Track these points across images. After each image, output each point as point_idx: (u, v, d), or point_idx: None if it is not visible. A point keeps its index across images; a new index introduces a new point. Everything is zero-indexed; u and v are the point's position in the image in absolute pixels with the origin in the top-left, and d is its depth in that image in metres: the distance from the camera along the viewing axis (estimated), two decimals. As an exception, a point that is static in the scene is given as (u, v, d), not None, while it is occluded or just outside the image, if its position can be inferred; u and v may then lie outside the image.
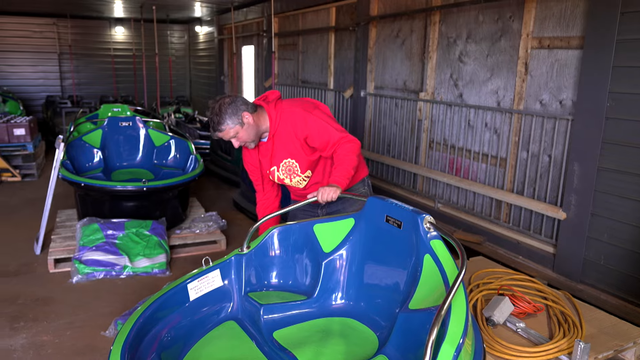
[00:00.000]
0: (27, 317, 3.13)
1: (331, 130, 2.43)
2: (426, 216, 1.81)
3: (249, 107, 2.41)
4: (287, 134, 2.46)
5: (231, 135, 2.39)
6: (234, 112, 2.36)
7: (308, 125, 2.43)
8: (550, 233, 3.64)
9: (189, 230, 4.33)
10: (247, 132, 2.41)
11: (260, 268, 2.20)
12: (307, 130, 2.43)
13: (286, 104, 2.50)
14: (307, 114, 2.45)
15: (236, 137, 2.41)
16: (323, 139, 2.43)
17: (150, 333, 1.81)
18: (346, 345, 1.88)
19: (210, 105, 2.41)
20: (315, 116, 2.45)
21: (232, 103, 2.37)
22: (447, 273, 1.66)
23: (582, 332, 2.18)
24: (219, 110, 2.35)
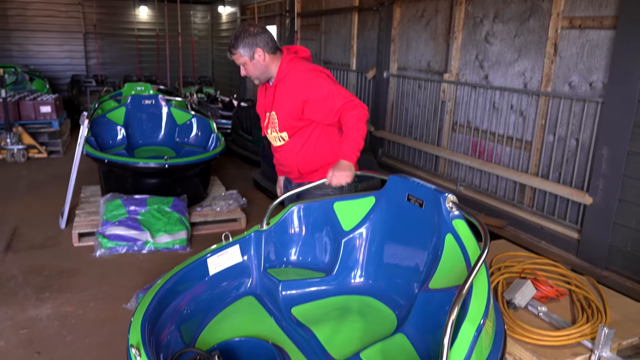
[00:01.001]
0: (52, 288, 3.21)
1: (337, 95, 2.37)
2: (449, 195, 1.77)
3: (268, 47, 2.42)
4: (288, 89, 2.45)
5: (240, 62, 2.46)
6: (249, 44, 2.39)
7: (312, 89, 2.38)
8: (575, 218, 3.56)
9: (209, 208, 4.36)
10: (254, 67, 2.45)
11: (279, 245, 2.20)
12: (309, 94, 2.39)
13: (302, 64, 2.47)
14: (316, 78, 2.40)
15: (244, 67, 2.47)
16: (327, 105, 2.37)
17: (170, 306, 1.82)
18: (364, 323, 1.88)
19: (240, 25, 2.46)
20: (323, 81, 2.40)
21: (253, 35, 2.40)
22: (469, 253, 1.63)
23: (606, 318, 2.14)
24: (238, 35, 2.41)
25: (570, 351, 1.94)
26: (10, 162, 6.38)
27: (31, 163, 6.42)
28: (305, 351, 1.78)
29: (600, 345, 1.89)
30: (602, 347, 1.89)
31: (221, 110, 7.64)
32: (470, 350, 1.32)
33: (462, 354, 1.31)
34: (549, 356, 1.90)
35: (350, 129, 2.33)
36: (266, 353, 1.77)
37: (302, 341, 1.82)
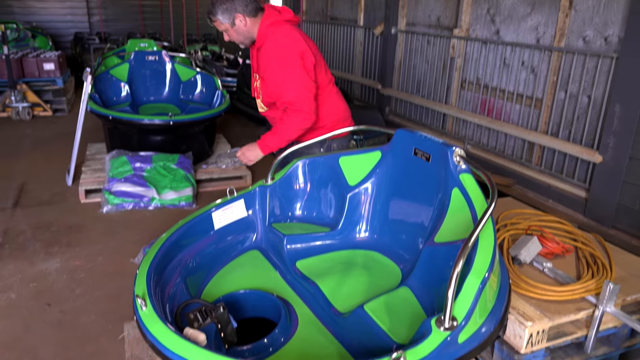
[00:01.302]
0: (61, 243, 3.24)
1: (290, 88, 2.30)
2: (456, 149, 1.74)
3: (248, 10, 2.33)
4: (265, 58, 2.39)
5: (222, 29, 2.42)
6: (228, 9, 2.33)
7: (272, 67, 2.34)
8: (584, 177, 3.52)
9: (215, 165, 4.35)
10: (236, 33, 2.40)
11: (284, 199, 2.19)
12: (269, 71, 2.37)
13: (280, 32, 2.35)
14: (281, 58, 2.32)
15: (226, 33, 2.42)
16: (278, 90, 2.36)
17: (175, 259, 1.83)
18: (369, 276, 1.88)
19: None
20: (286, 64, 2.30)
21: (231, 0, 2.33)
22: (476, 207, 1.61)
23: (611, 274, 2.13)
24: (216, 1, 2.35)
25: (574, 306, 1.94)
26: (16, 120, 6.36)
27: (36, 121, 6.40)
28: (310, 303, 1.79)
29: (604, 301, 1.89)
30: (606, 302, 1.89)
31: (226, 68, 7.52)
32: (474, 303, 1.32)
33: (466, 307, 1.31)
34: (552, 311, 1.90)
35: (283, 128, 2.39)
36: (271, 305, 1.78)
37: (306, 294, 1.84)
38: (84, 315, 2.48)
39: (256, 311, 1.83)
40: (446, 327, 1.28)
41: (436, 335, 1.27)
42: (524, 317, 1.84)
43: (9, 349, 2.23)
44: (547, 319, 1.86)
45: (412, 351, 1.24)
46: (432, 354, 1.24)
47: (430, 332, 1.28)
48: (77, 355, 2.19)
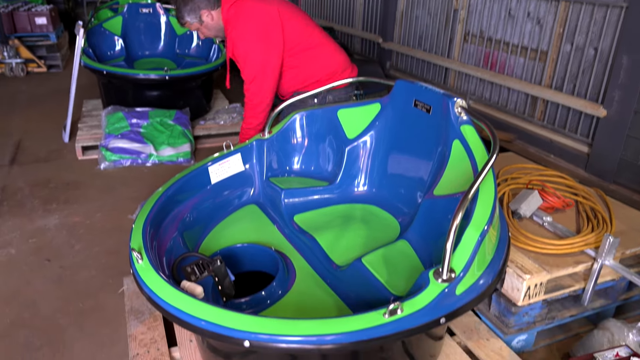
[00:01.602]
0: (59, 200, 3.23)
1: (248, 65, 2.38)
2: (457, 100, 1.69)
3: (211, 4, 2.38)
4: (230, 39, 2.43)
5: (194, 29, 2.49)
6: (192, 9, 2.39)
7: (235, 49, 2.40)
8: (587, 132, 3.47)
9: (212, 122, 4.29)
10: (207, 29, 2.45)
11: (281, 153, 2.15)
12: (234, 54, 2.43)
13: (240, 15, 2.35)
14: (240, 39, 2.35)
15: (200, 32, 2.47)
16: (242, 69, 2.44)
17: (172, 213, 1.81)
18: (367, 230, 1.87)
19: None
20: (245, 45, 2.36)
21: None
22: (477, 159, 1.58)
23: (611, 228, 2.12)
24: (179, 5, 2.41)
25: (572, 259, 1.94)
26: (10, 77, 6.24)
27: (31, 77, 6.28)
28: (308, 257, 1.79)
29: (603, 254, 1.88)
30: (605, 255, 1.88)
31: (223, 22, 7.32)
32: (472, 255, 1.30)
33: (464, 259, 1.30)
34: (551, 264, 1.90)
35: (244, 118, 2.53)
36: (268, 259, 1.78)
37: (304, 247, 1.83)
38: (84, 271, 2.49)
39: (254, 265, 1.83)
40: (444, 278, 1.27)
41: (434, 287, 1.26)
42: (522, 270, 1.84)
43: (9, 303, 2.25)
44: (545, 272, 1.86)
45: (409, 302, 1.23)
46: (429, 305, 1.23)
47: (428, 284, 1.27)
48: (78, 309, 2.21)
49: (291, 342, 1.16)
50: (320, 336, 1.16)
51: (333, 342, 1.16)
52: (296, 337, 1.16)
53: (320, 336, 1.16)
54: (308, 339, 1.16)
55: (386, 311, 1.20)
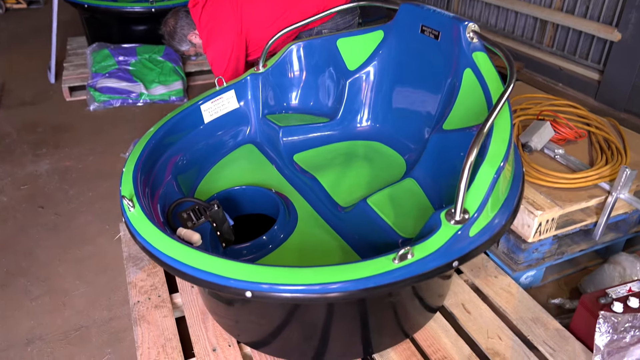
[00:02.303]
0: (49, 144, 3.11)
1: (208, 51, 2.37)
2: (469, 24, 1.53)
3: (192, 25, 2.38)
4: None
5: (193, 53, 2.52)
6: (180, 39, 2.42)
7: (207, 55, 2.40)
8: (598, 58, 3.29)
9: (204, 57, 4.08)
10: (202, 49, 2.43)
11: (278, 88, 2.01)
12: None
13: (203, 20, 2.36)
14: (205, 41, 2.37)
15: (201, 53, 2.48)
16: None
17: (163, 157, 1.71)
18: (371, 168, 1.77)
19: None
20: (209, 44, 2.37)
21: (176, 30, 2.40)
22: (491, 90, 1.45)
23: (626, 159, 2.02)
24: (168, 40, 2.46)
25: (586, 193, 1.86)
26: (-12, 14, 5.92)
27: (10, 15, 5.95)
28: (309, 198, 1.70)
29: (619, 187, 1.80)
30: (621, 188, 1.80)
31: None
32: (487, 194, 1.21)
33: (479, 199, 1.20)
34: (563, 199, 1.82)
35: None
36: (268, 201, 1.69)
37: (305, 188, 1.74)
38: (80, 217, 2.41)
39: (253, 208, 1.75)
40: (457, 220, 1.19)
41: (446, 229, 1.18)
42: (533, 206, 1.76)
43: (5, 252, 2.19)
44: (557, 207, 1.78)
45: (420, 246, 1.16)
46: (441, 248, 1.15)
47: (440, 226, 1.19)
48: (76, 256, 2.16)
49: (295, 292, 1.09)
50: (325, 284, 1.09)
51: (339, 290, 1.10)
52: (300, 286, 1.09)
53: (325, 284, 1.09)
54: (312, 288, 1.10)
55: (396, 256, 1.12)
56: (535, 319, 1.71)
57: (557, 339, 1.63)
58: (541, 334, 1.65)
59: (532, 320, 1.70)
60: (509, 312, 1.73)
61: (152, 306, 1.71)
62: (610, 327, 1.50)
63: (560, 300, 1.95)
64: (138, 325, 1.64)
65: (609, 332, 1.50)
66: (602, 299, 1.61)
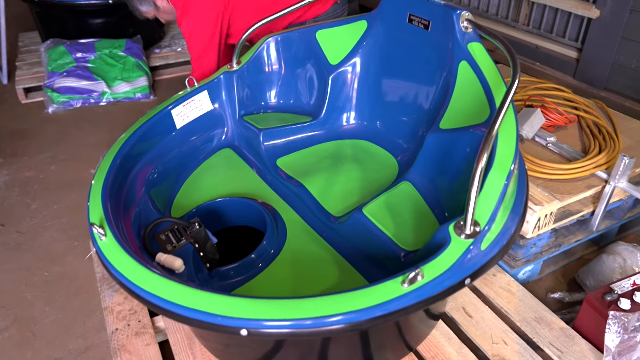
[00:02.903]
0: (5, 152, 2.88)
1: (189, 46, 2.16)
2: (463, 12, 1.42)
3: None
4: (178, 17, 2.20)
5: (151, 16, 2.27)
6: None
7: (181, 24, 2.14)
8: (576, 35, 3.23)
9: (169, 49, 3.86)
10: (164, 14, 2.22)
11: (255, 86, 1.87)
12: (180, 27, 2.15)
13: None
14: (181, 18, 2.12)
15: (160, 17, 2.27)
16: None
17: (134, 171, 1.55)
18: (361, 171, 1.65)
19: None
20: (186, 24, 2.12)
21: None
22: (490, 83, 1.34)
23: (618, 145, 1.96)
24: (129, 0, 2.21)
25: (583, 184, 1.79)
26: None
27: (-46, 9, 5.54)
28: (298, 208, 1.58)
29: (617, 176, 1.73)
30: (619, 177, 1.74)
31: None
32: (498, 204, 1.11)
33: (490, 208, 1.10)
34: (561, 191, 1.74)
35: None
36: (253, 213, 1.56)
37: (292, 196, 1.61)
38: (45, 233, 2.23)
39: (236, 220, 1.62)
40: (468, 234, 1.08)
41: (457, 245, 1.08)
42: (532, 201, 1.68)
43: (-36, 278, 2.00)
44: (557, 200, 1.70)
45: (430, 265, 1.05)
46: (453, 266, 1.05)
47: (450, 241, 1.08)
48: (44, 278, 1.98)
49: (296, 327, 0.98)
50: (329, 317, 0.98)
51: (345, 322, 0.99)
52: (301, 320, 0.98)
53: (329, 317, 0.98)
54: (316, 321, 0.98)
55: (405, 279, 1.02)
56: (539, 318, 1.64)
57: (563, 339, 1.57)
58: (546, 334, 1.59)
59: (535, 320, 1.63)
60: (511, 313, 1.66)
61: (133, 333, 1.57)
62: (621, 328, 1.44)
63: (560, 294, 1.89)
64: (118, 356, 1.50)
65: (619, 333, 1.44)
66: (608, 296, 1.55)
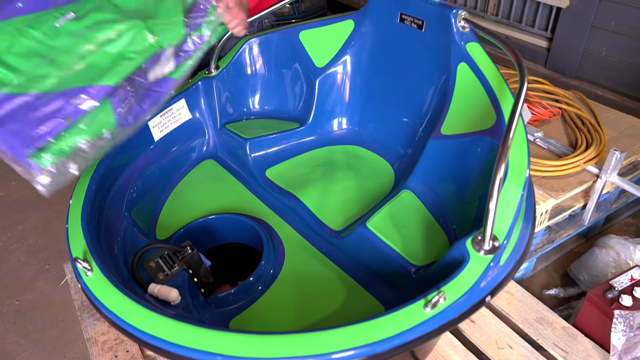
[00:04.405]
0: (-42, 167, 2.66)
1: None
2: (460, 11, 1.36)
3: None
4: None
5: None
6: None
7: None
8: (545, 25, 3.25)
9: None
10: None
11: (236, 92, 1.76)
12: None
13: None
14: None
15: None
16: None
17: (112, 191, 1.42)
18: (357, 179, 1.58)
19: None
20: None
21: None
22: (493, 85, 1.29)
23: (604, 137, 1.96)
24: None
25: (575, 180, 1.78)
26: None
27: None
28: (293, 222, 1.49)
29: (609, 170, 1.73)
30: (611, 171, 1.73)
31: None
32: (515, 215, 1.06)
33: (507, 222, 1.05)
34: (555, 188, 1.73)
35: None
36: (247, 230, 1.47)
37: (286, 210, 1.52)
38: (11, 257, 2.06)
39: (228, 238, 1.52)
40: (487, 249, 1.03)
41: (477, 262, 1.02)
42: (528, 200, 1.65)
43: None
44: (552, 198, 1.69)
45: (451, 285, 0.99)
46: (475, 285, 0.99)
47: (469, 259, 1.03)
48: (14, 308, 1.83)
49: (317, 364, 0.90)
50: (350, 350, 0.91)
51: (365, 355, 0.92)
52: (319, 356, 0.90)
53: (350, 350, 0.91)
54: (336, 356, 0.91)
55: (427, 302, 0.95)
56: (540, 318, 1.62)
57: (567, 339, 1.56)
58: (550, 335, 1.57)
59: (537, 321, 1.61)
60: (512, 315, 1.63)
61: (121, 366, 1.46)
62: (627, 326, 1.43)
63: (555, 290, 1.89)
64: (107, 392, 1.39)
65: (625, 331, 1.44)
66: (609, 293, 1.54)
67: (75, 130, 1.17)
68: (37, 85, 1.19)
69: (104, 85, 1.21)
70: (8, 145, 1.17)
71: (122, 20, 1.26)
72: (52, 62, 1.22)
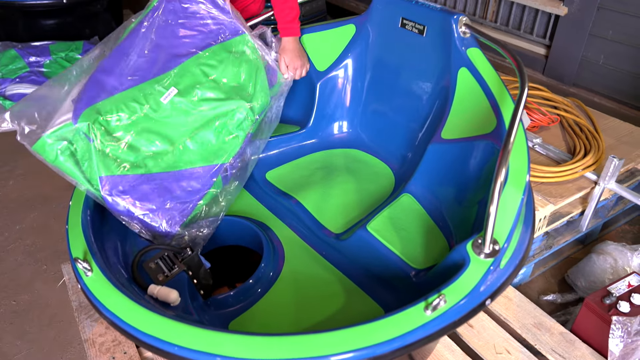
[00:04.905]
0: (-45, 167, 2.66)
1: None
2: (461, 17, 1.37)
3: None
4: None
5: None
6: None
7: None
8: (543, 32, 3.27)
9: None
10: None
11: (237, 96, 1.76)
12: None
13: None
14: None
15: None
16: None
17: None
18: (356, 182, 1.58)
19: None
20: None
21: None
22: (493, 90, 1.30)
23: (602, 144, 1.98)
24: None
25: (573, 186, 1.79)
26: None
27: None
28: (293, 224, 1.49)
29: (607, 177, 1.74)
30: (609, 178, 1.74)
31: None
32: (515, 219, 1.07)
33: (508, 225, 1.06)
34: (554, 194, 1.74)
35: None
36: (247, 232, 1.47)
37: (285, 212, 1.53)
38: (8, 258, 2.05)
39: (228, 240, 1.52)
40: (487, 253, 1.04)
41: (477, 265, 1.03)
42: (527, 205, 1.66)
43: None
44: (550, 204, 1.70)
45: (451, 288, 1.00)
46: (475, 288, 1.00)
47: (469, 262, 1.03)
48: (11, 308, 1.82)
49: (319, 365, 0.90)
50: (350, 352, 0.91)
51: (366, 357, 0.92)
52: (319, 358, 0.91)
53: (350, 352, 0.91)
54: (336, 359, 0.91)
55: (427, 305, 0.96)
56: (538, 324, 1.63)
57: (564, 344, 1.56)
58: (547, 340, 1.57)
59: (535, 327, 1.62)
60: (510, 320, 1.64)
61: (119, 367, 1.45)
62: (624, 332, 1.44)
63: (553, 296, 1.89)
64: (105, 393, 1.39)
65: (623, 337, 1.44)
66: (607, 299, 1.55)
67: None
68: (159, 164, 1.30)
69: (219, 164, 1.36)
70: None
71: (225, 99, 1.34)
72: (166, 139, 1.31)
